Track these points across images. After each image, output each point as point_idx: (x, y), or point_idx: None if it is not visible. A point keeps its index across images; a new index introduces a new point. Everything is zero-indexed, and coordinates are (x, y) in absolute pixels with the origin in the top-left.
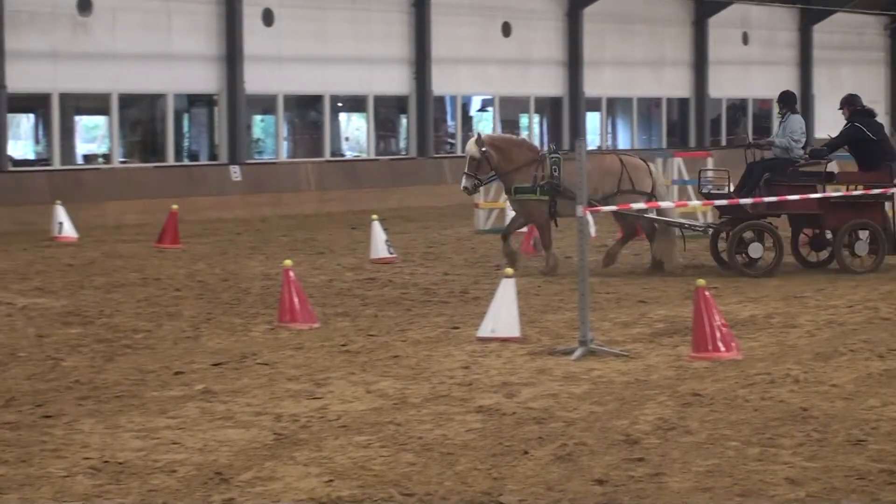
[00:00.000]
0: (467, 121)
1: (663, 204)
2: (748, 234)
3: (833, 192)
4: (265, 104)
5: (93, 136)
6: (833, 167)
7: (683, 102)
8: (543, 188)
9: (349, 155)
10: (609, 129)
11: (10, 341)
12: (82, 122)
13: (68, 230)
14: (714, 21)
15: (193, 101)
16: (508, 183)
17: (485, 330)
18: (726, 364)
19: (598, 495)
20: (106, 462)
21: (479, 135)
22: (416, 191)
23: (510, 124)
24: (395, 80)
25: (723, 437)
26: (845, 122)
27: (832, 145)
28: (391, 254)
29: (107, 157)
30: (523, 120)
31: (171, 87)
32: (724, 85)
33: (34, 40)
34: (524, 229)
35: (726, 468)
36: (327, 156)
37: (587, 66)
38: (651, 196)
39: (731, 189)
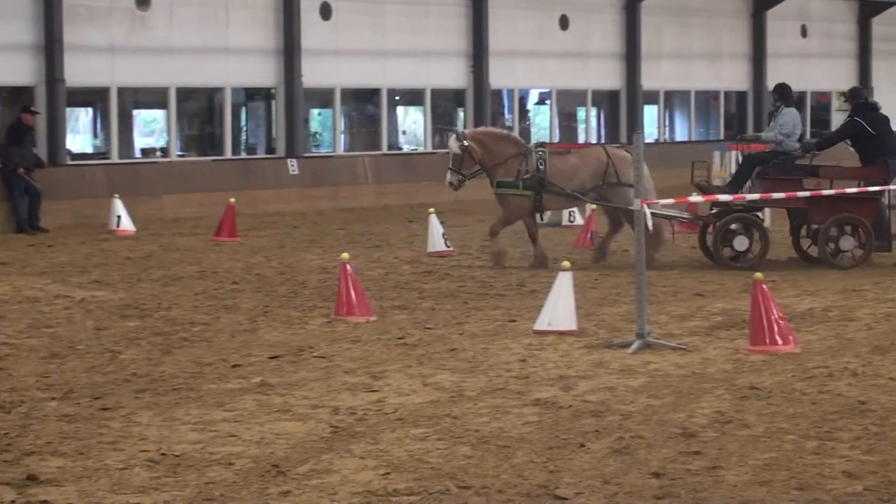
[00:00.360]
0: (524, 114)
1: (722, 197)
2: (734, 227)
3: (816, 188)
4: (322, 98)
5: (150, 129)
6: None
7: (741, 95)
8: (527, 182)
9: (406, 148)
10: (666, 123)
11: (68, 334)
12: (140, 115)
13: (126, 223)
14: (772, 13)
15: (251, 94)
16: (492, 177)
17: (542, 323)
18: (784, 357)
19: (654, 488)
20: (163, 454)
21: (459, 131)
22: (473, 184)
23: (568, 117)
24: (453, 74)
25: (780, 430)
26: (847, 115)
27: (829, 139)
28: (448, 247)
29: (164, 151)
30: (580, 113)
31: (228, 80)
32: (783, 78)
33: (93, 35)
34: (583, 220)
35: (783, 462)
36: (384, 149)
37: (645, 59)
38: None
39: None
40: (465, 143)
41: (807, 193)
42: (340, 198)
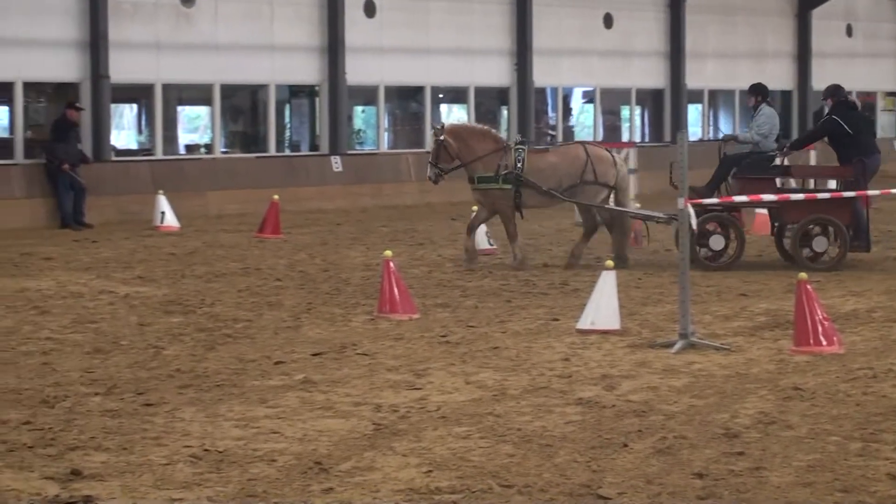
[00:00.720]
0: (568, 112)
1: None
2: (711, 227)
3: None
4: (366, 95)
5: (195, 126)
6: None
7: (786, 95)
8: (506, 178)
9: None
10: (710, 122)
11: (112, 329)
12: (184, 112)
13: (170, 219)
14: (818, 13)
15: (295, 91)
16: (471, 172)
17: (585, 322)
18: (828, 358)
19: (697, 489)
20: (206, 450)
21: (436, 125)
22: None
23: (611, 116)
24: (496, 72)
25: (824, 431)
26: (825, 113)
27: (806, 139)
28: (491, 245)
29: (209, 148)
30: (624, 112)
31: (273, 77)
32: (827, 77)
33: (137, 31)
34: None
35: (827, 463)
36: (428, 147)
37: (689, 58)
38: (613, 188)
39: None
40: (441, 137)
41: (773, 197)
42: (384, 195)
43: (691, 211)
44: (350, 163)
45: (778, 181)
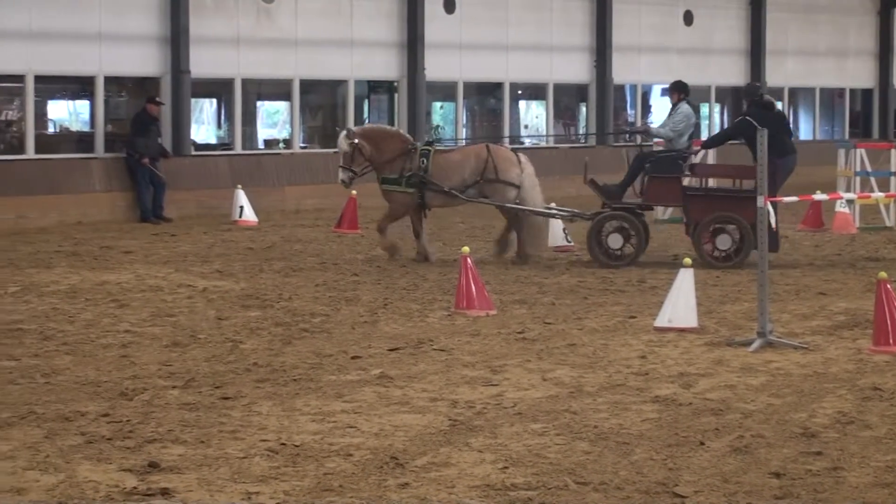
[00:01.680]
0: (647, 109)
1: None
2: (611, 225)
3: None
4: (445, 91)
5: (274, 121)
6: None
7: (867, 93)
8: (409, 180)
9: (528, 143)
10: (791, 120)
11: (190, 323)
12: (264, 107)
13: (248, 214)
14: None
15: (374, 87)
16: (379, 174)
17: (662, 320)
18: None
19: (774, 488)
20: (283, 444)
21: (348, 129)
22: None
23: None
24: (576, 68)
25: None
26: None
27: (717, 138)
28: (569, 242)
29: (287, 143)
30: (703, 109)
31: (352, 73)
32: None
33: (218, 26)
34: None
35: None
36: (506, 143)
37: (769, 56)
38: (519, 186)
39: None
40: (356, 140)
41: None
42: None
43: (770, 209)
44: None
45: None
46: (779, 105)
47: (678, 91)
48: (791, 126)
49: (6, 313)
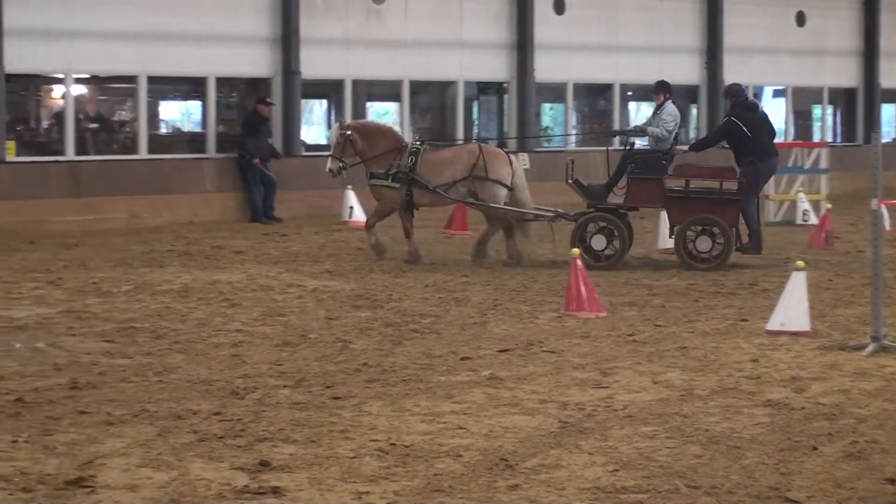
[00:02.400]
0: None
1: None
2: (594, 226)
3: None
4: (554, 92)
5: (383, 122)
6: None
7: None
8: (397, 176)
9: (638, 144)
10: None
11: (301, 323)
12: (373, 108)
13: (359, 214)
14: None
15: (483, 88)
16: (368, 169)
17: (774, 323)
18: None
19: (889, 494)
20: (393, 444)
21: (340, 120)
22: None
23: (802, 115)
24: (686, 70)
25: None
26: (724, 114)
27: (705, 141)
28: None
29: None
30: (815, 111)
31: (461, 74)
32: None
33: (329, 28)
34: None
35: None
36: (616, 144)
37: (883, 57)
38: (510, 188)
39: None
40: (348, 132)
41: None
42: (570, 192)
43: (885, 212)
44: (538, 160)
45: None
46: (761, 106)
47: (663, 91)
48: (774, 128)
49: (120, 312)
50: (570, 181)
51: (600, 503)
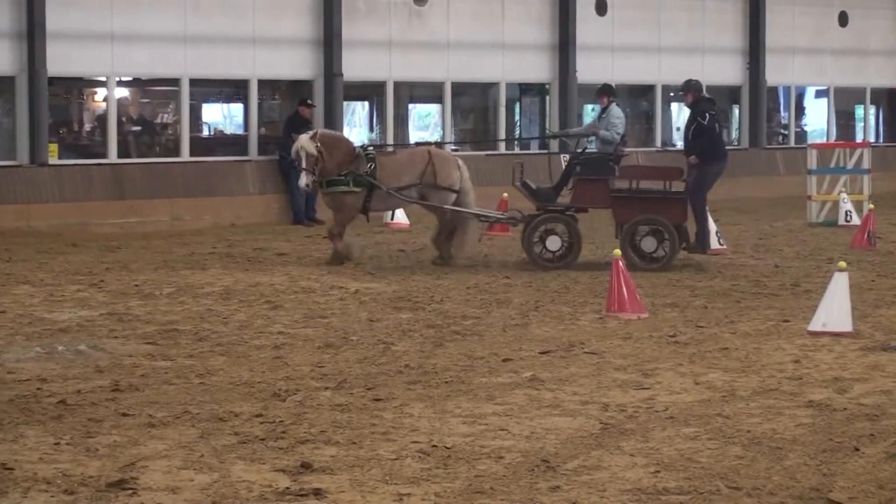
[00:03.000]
0: (801, 111)
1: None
2: (547, 227)
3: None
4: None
5: (425, 123)
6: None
7: None
8: (357, 180)
9: (680, 145)
10: None
11: (342, 325)
12: (415, 110)
13: (400, 217)
14: None
15: (525, 89)
16: (323, 178)
17: (816, 324)
18: None
19: None
20: (434, 446)
21: (316, 132)
22: (748, 182)
23: (845, 115)
24: (728, 70)
25: None
26: (691, 109)
27: (704, 142)
28: (722, 245)
29: (439, 145)
30: (858, 111)
31: (503, 75)
32: None
33: (371, 29)
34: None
35: None
36: (658, 145)
37: None
38: (457, 191)
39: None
40: (318, 144)
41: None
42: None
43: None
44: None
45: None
46: None
47: (607, 94)
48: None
49: (162, 314)
50: (517, 183)
51: None
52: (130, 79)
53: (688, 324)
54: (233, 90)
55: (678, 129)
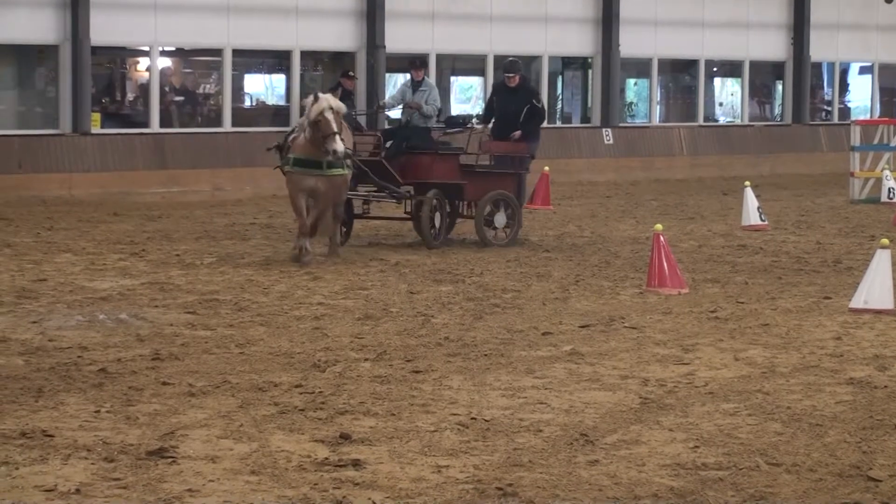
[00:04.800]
0: (845, 88)
1: None
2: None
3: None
4: (639, 68)
5: (467, 96)
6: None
7: None
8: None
9: (722, 120)
10: None
11: (383, 297)
12: (458, 82)
13: None
14: None
15: (568, 63)
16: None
17: (857, 301)
18: None
19: None
20: (473, 419)
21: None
22: (790, 158)
23: (889, 92)
24: (772, 46)
25: None
26: (515, 91)
27: (541, 117)
28: (763, 221)
29: (480, 118)
30: None
31: (546, 49)
32: None
33: (414, 2)
34: None
35: None
36: (700, 121)
37: None
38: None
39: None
40: None
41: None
42: (654, 168)
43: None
44: (621, 135)
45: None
46: None
47: (424, 67)
48: None
49: (202, 284)
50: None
51: (681, 479)
52: (173, 49)
53: (728, 299)
54: (275, 61)
55: (721, 104)
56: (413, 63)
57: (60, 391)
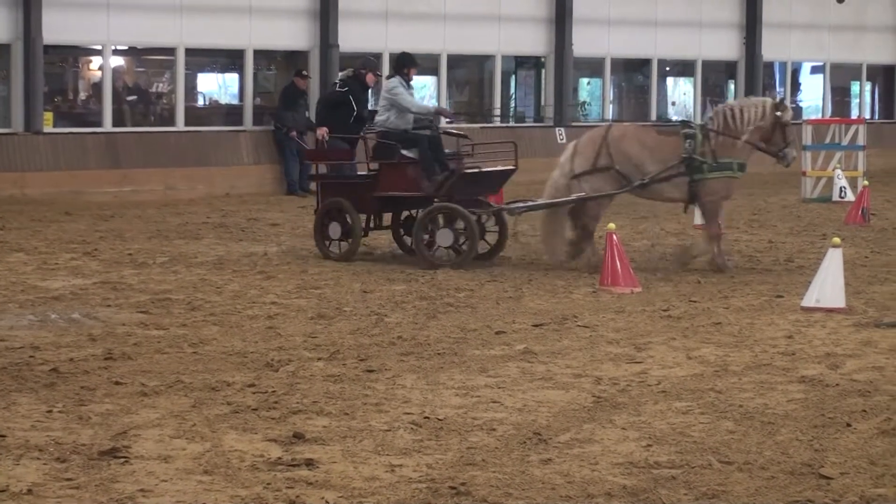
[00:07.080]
0: (797, 87)
1: None
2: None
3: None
4: (592, 67)
5: (420, 95)
6: None
7: None
8: None
9: (675, 118)
10: None
11: (336, 296)
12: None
13: None
14: None
15: (521, 62)
16: None
17: (809, 300)
18: None
19: None
20: (426, 418)
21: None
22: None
23: (840, 92)
24: (725, 45)
25: None
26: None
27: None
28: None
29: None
30: (854, 87)
31: (499, 48)
32: None
33: (367, 1)
34: None
35: None
36: (653, 119)
37: None
38: None
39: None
40: None
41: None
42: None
43: None
44: (575, 134)
45: None
46: None
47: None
48: None
49: (155, 283)
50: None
51: (633, 478)
52: (126, 48)
53: (681, 298)
54: (228, 60)
55: (673, 103)
56: (411, 63)
57: (12, 391)
